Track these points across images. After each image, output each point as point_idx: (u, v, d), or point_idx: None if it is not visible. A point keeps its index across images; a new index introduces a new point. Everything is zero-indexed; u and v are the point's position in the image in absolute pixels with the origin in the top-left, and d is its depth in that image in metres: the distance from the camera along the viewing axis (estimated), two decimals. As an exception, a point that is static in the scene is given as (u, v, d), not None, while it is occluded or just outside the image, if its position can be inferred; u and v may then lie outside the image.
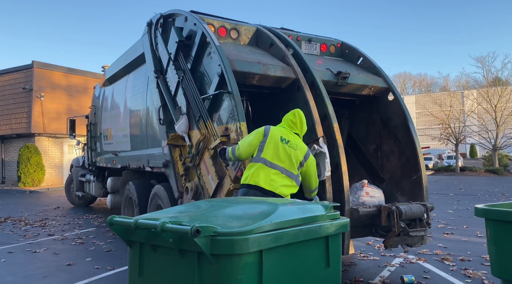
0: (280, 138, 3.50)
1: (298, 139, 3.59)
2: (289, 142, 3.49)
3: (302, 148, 3.55)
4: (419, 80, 69.26)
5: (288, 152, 3.46)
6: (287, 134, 3.56)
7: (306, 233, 1.85)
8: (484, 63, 28.07)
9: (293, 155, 3.47)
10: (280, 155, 3.45)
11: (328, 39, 5.93)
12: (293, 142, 3.51)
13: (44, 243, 6.57)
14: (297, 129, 3.64)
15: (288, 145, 3.48)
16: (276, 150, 3.45)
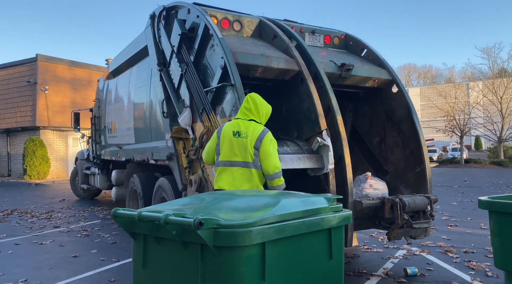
0: (232, 133, 3.34)
1: (251, 126, 3.35)
2: (240, 133, 3.32)
3: (254, 132, 3.30)
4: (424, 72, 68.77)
5: (241, 143, 3.30)
6: (239, 125, 3.36)
7: (309, 225, 1.85)
8: (490, 54, 27.82)
9: (245, 143, 3.29)
10: (235, 149, 3.30)
11: (332, 31, 5.89)
12: (244, 131, 3.32)
13: (50, 235, 6.64)
14: (253, 115, 3.40)
15: (240, 136, 3.31)
16: (231, 147, 3.32)
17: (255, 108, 3.43)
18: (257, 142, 3.28)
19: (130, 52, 7.02)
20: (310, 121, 4.32)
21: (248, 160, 3.27)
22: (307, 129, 4.40)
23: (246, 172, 3.26)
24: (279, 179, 3.30)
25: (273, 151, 3.29)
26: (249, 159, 3.27)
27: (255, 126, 3.35)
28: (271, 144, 3.30)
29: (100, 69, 19.69)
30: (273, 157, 3.28)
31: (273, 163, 3.27)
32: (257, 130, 3.33)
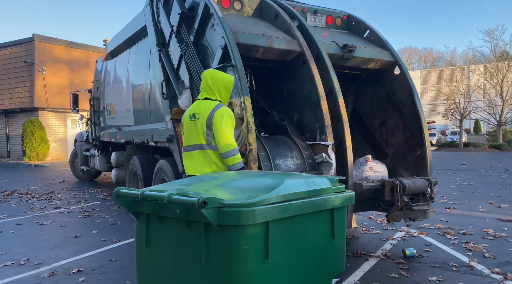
0: (189, 117, 3.25)
1: (205, 105, 3.19)
2: (196, 115, 3.20)
3: (206, 110, 3.13)
4: (425, 55, 68.25)
5: (195, 125, 3.17)
6: (195, 107, 3.26)
7: (312, 205, 1.85)
8: (492, 37, 27.49)
9: (198, 125, 3.16)
10: (192, 133, 3.20)
11: (334, 11, 5.79)
12: (197, 112, 3.19)
13: (51, 215, 6.68)
14: (207, 93, 3.25)
15: (196, 118, 3.19)
16: (188, 131, 3.23)
17: (207, 85, 3.24)
18: (208, 121, 3.09)
19: (129, 33, 6.91)
20: (311, 104, 4.29)
21: (202, 142, 3.12)
22: (308, 112, 4.38)
23: (204, 155, 3.12)
24: (233, 157, 3.04)
25: (225, 127, 3.06)
26: (202, 140, 3.12)
27: (208, 104, 3.17)
28: (222, 119, 3.07)
29: (98, 50, 19.46)
30: (225, 133, 3.04)
31: (225, 140, 3.03)
32: (208, 108, 3.14)
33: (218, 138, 3.05)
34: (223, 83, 3.27)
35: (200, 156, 3.15)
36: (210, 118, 3.08)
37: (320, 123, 4.15)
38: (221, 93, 3.25)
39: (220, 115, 3.07)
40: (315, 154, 4.16)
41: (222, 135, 3.04)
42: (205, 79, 3.28)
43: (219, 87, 3.25)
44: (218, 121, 3.06)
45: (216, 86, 3.24)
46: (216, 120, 3.07)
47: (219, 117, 3.07)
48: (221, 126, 3.05)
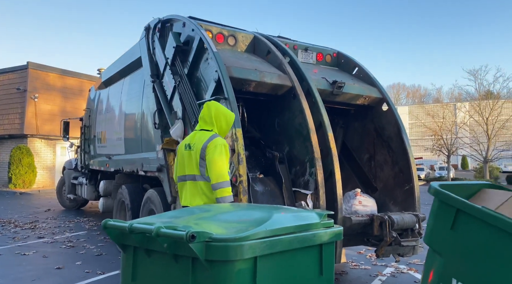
0: (184, 147, 3.19)
1: (201, 135, 3.13)
2: (191, 145, 3.14)
3: (201, 140, 3.08)
4: (413, 91, 70.03)
5: (190, 156, 3.11)
6: (191, 138, 3.21)
7: (301, 240, 1.85)
8: (477, 76, 28.43)
9: (192, 155, 3.09)
10: (186, 163, 3.13)
11: (324, 48, 5.99)
12: (193, 143, 3.13)
13: (34, 245, 6.49)
14: (206, 123, 3.20)
15: (191, 149, 3.12)
16: (182, 161, 3.17)
17: (208, 115, 3.20)
18: (202, 151, 3.02)
19: (124, 63, 7.02)
20: (301, 137, 4.35)
21: (195, 173, 3.06)
22: (299, 144, 4.43)
23: (195, 186, 3.06)
24: (222, 190, 2.92)
25: (217, 158, 2.98)
26: (196, 171, 3.05)
27: (204, 135, 3.13)
28: (216, 150, 2.99)
29: (92, 79, 19.60)
30: (217, 164, 2.95)
31: (216, 171, 2.93)
32: (204, 138, 3.08)
33: (210, 169, 2.99)
34: (226, 117, 3.24)
35: (192, 186, 3.10)
36: (204, 149, 3.03)
37: (310, 156, 4.20)
38: (222, 126, 3.22)
39: (214, 145, 3.02)
40: (296, 200, 4.21)
41: (214, 165, 2.97)
42: (209, 110, 3.22)
43: (221, 120, 3.22)
44: (211, 152, 3.00)
45: (219, 118, 3.20)
46: (210, 150, 3.01)
47: (213, 148, 3.01)
48: (214, 156, 2.99)
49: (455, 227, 2.21)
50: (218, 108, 3.26)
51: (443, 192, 2.32)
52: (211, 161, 2.98)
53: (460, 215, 2.18)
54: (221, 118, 3.22)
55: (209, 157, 3.00)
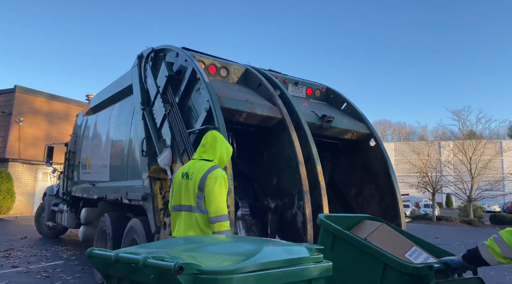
0: (181, 176, 3.06)
1: (200, 165, 3.02)
2: (189, 175, 3.01)
3: (200, 170, 2.96)
4: (398, 128, 71.54)
5: (187, 185, 2.99)
6: (189, 166, 3.08)
7: (290, 275, 1.80)
8: (460, 117, 29.31)
9: (190, 185, 2.97)
10: (182, 192, 3.01)
11: (314, 83, 6.12)
12: (191, 172, 3.01)
13: (7, 275, 6.19)
14: (206, 153, 3.10)
15: (188, 178, 3.00)
16: (179, 190, 3.04)
17: (211, 144, 3.11)
18: (201, 182, 2.91)
19: (114, 90, 7.03)
20: (290, 169, 4.35)
21: (192, 204, 2.93)
22: (287, 176, 4.43)
23: (191, 217, 2.93)
24: (220, 224, 2.83)
25: (217, 191, 2.89)
26: (192, 202, 2.93)
27: (203, 165, 3.01)
28: (216, 181, 2.90)
29: (80, 104, 19.49)
30: (216, 197, 2.86)
31: (215, 204, 2.85)
32: (203, 168, 2.97)
33: (209, 201, 2.87)
34: (227, 149, 3.18)
35: (187, 217, 2.96)
36: (204, 180, 2.91)
37: (298, 188, 4.19)
38: (223, 157, 3.14)
39: (214, 177, 2.91)
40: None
41: (214, 198, 2.87)
42: (212, 139, 3.13)
43: (222, 151, 3.14)
44: (211, 184, 2.89)
45: (220, 149, 3.12)
46: (210, 182, 2.90)
47: (213, 179, 2.90)
48: (214, 189, 2.88)
49: (333, 249, 2.84)
50: (221, 139, 3.19)
51: (325, 222, 2.97)
52: (211, 193, 2.88)
53: (336, 240, 2.85)
54: (223, 149, 3.15)
55: (209, 189, 2.89)
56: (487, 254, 2.35)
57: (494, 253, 2.32)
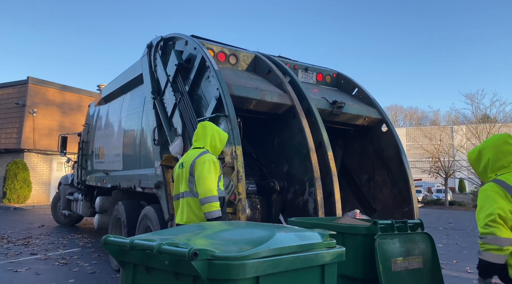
0: (178, 166, 3.30)
1: (192, 153, 3.22)
2: (183, 163, 3.22)
3: (191, 157, 3.15)
4: (410, 113, 70.61)
5: (182, 173, 3.20)
6: (185, 156, 3.30)
7: (303, 260, 1.82)
8: (473, 100, 28.70)
9: (183, 173, 3.17)
10: (179, 181, 3.24)
11: (324, 69, 6.06)
12: (185, 161, 3.21)
13: (26, 262, 6.36)
14: (198, 142, 3.30)
15: (183, 167, 3.20)
16: (177, 180, 3.26)
17: (202, 134, 3.29)
18: (191, 167, 3.07)
19: (125, 79, 7.06)
20: (301, 156, 4.35)
21: (185, 189, 3.11)
22: (298, 163, 4.43)
23: (186, 202, 3.08)
24: (210, 204, 2.92)
25: (206, 173, 2.99)
26: (185, 187, 3.09)
27: (194, 152, 3.19)
28: (204, 165, 3.02)
29: (91, 95, 19.65)
30: (205, 179, 2.97)
31: (205, 186, 2.95)
32: (194, 155, 3.14)
33: (198, 184, 3.01)
34: (220, 136, 3.35)
35: (183, 203, 3.17)
36: (193, 166, 3.08)
37: (309, 175, 4.19)
38: (216, 145, 3.30)
39: (202, 161, 3.05)
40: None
41: (202, 181, 2.99)
42: (203, 128, 3.32)
43: (215, 139, 3.30)
44: (200, 167, 3.04)
45: (213, 137, 3.29)
46: (198, 165, 3.05)
47: (201, 163, 3.05)
48: (203, 171, 3.00)
49: None
50: (212, 127, 3.36)
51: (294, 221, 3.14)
52: (199, 176, 3.01)
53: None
54: (215, 136, 3.30)
55: (198, 173, 3.03)
56: (492, 256, 2.28)
57: (495, 251, 2.25)
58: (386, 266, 2.71)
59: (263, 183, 4.73)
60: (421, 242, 3.02)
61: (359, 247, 2.77)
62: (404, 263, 2.86)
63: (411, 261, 2.90)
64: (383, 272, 2.65)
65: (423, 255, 2.99)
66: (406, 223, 3.01)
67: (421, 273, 2.95)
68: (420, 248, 3.00)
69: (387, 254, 2.74)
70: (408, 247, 2.91)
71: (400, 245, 2.86)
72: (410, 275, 2.87)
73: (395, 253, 2.81)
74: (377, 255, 2.64)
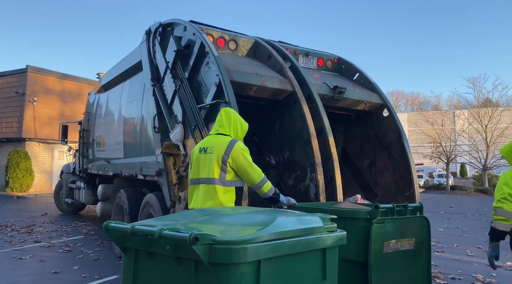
0: (199, 150, 3.23)
1: (219, 139, 3.19)
2: (207, 149, 3.18)
3: (221, 145, 3.12)
4: (412, 98, 70.23)
5: (206, 159, 3.15)
6: (208, 141, 3.26)
7: (304, 244, 1.83)
8: (476, 84, 28.54)
9: (210, 158, 3.13)
10: (200, 166, 3.18)
11: (325, 53, 6.00)
12: (211, 146, 3.17)
13: (30, 249, 6.43)
14: (223, 128, 3.26)
15: (207, 152, 3.17)
16: (197, 164, 3.21)
17: (227, 121, 3.29)
18: (225, 156, 3.08)
19: (124, 67, 7.02)
20: (302, 142, 4.34)
21: (212, 176, 3.09)
22: (299, 149, 4.42)
23: (209, 189, 3.10)
24: (267, 185, 3.16)
25: (249, 161, 3.13)
26: (213, 174, 3.09)
27: (222, 139, 3.18)
28: (244, 153, 3.11)
29: (91, 83, 19.57)
30: (252, 166, 3.12)
31: (255, 172, 3.12)
32: (224, 143, 3.14)
33: (247, 173, 3.10)
34: (241, 126, 3.35)
35: (205, 189, 3.12)
36: (228, 155, 3.07)
37: (310, 161, 4.19)
38: (238, 133, 3.31)
39: (239, 152, 3.10)
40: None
41: (251, 168, 3.10)
42: (227, 115, 3.31)
43: (237, 127, 3.31)
44: (241, 157, 3.09)
45: (235, 125, 3.30)
46: (238, 156, 3.08)
47: (240, 154, 3.09)
48: (247, 160, 3.11)
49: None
50: (235, 115, 3.36)
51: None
52: (245, 164, 3.09)
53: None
54: (237, 125, 3.32)
55: (241, 162, 3.09)
56: (499, 225, 3.01)
57: (503, 221, 2.98)
58: (379, 248, 2.81)
59: (259, 158, 4.72)
60: (417, 225, 3.10)
61: (361, 231, 2.82)
62: (396, 244, 2.96)
63: (403, 242, 3.00)
64: (373, 255, 2.76)
65: (416, 237, 3.08)
66: (406, 207, 3.06)
67: (410, 254, 3.06)
68: (415, 230, 3.08)
69: (381, 237, 2.84)
70: (403, 230, 2.99)
71: (395, 228, 2.94)
72: (399, 256, 2.99)
73: (390, 236, 2.90)
74: (371, 238, 2.74)
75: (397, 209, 2.97)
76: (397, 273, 2.99)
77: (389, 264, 2.90)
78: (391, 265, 2.93)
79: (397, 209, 2.96)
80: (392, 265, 2.94)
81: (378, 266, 2.80)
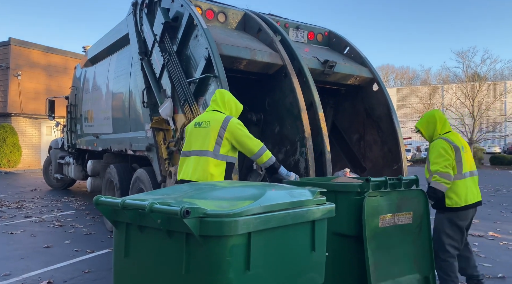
0: (194, 125, 3.34)
1: (215, 115, 3.29)
2: (202, 123, 3.28)
3: (217, 120, 3.21)
4: (401, 73, 70.28)
5: (200, 132, 3.24)
6: (203, 116, 3.36)
7: (294, 216, 1.86)
8: (464, 58, 28.59)
9: (205, 132, 3.21)
10: (193, 139, 3.28)
11: (316, 27, 5.92)
12: (206, 121, 3.27)
13: (21, 224, 6.44)
14: (218, 106, 3.38)
15: (202, 126, 3.27)
16: (190, 137, 3.31)
17: (221, 100, 3.40)
18: (221, 131, 3.17)
19: (110, 40, 6.85)
20: (292, 116, 4.34)
21: (205, 148, 3.16)
22: (289, 124, 4.43)
23: (201, 160, 3.15)
24: (267, 153, 3.24)
25: (246, 132, 3.23)
26: (207, 147, 3.16)
27: (218, 115, 3.28)
28: (240, 127, 3.21)
29: (77, 57, 19.11)
30: (249, 137, 3.22)
31: (253, 143, 3.21)
32: (219, 118, 3.24)
33: (246, 144, 3.19)
34: (236, 106, 3.47)
35: (196, 160, 3.18)
36: (224, 129, 3.16)
37: (300, 135, 4.20)
38: (232, 112, 3.43)
39: (235, 126, 3.19)
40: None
41: (249, 140, 3.19)
42: (221, 95, 3.42)
43: (232, 107, 3.43)
44: (238, 129, 3.18)
45: (229, 105, 3.42)
46: (235, 129, 3.17)
47: (236, 127, 3.18)
48: (244, 132, 3.19)
49: None
50: (230, 96, 3.47)
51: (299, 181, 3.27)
52: (243, 136, 3.18)
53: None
54: (231, 105, 3.45)
55: (238, 134, 3.17)
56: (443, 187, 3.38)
57: (447, 184, 3.38)
58: (374, 222, 2.76)
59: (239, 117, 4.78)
60: (413, 199, 3.04)
61: (352, 204, 2.78)
62: (393, 219, 2.91)
63: (400, 216, 2.94)
64: (367, 229, 2.71)
65: (413, 211, 3.02)
66: (400, 180, 3.03)
67: (408, 228, 2.99)
68: (412, 204, 3.02)
69: (375, 211, 2.78)
70: (399, 204, 2.93)
71: (390, 202, 2.88)
72: (397, 230, 2.92)
73: (384, 210, 2.84)
74: (364, 212, 2.69)
75: (391, 182, 2.93)
76: (396, 249, 2.92)
77: (386, 239, 2.84)
78: (389, 240, 2.87)
79: (390, 182, 2.93)
80: (390, 240, 2.87)
81: (374, 241, 2.74)
